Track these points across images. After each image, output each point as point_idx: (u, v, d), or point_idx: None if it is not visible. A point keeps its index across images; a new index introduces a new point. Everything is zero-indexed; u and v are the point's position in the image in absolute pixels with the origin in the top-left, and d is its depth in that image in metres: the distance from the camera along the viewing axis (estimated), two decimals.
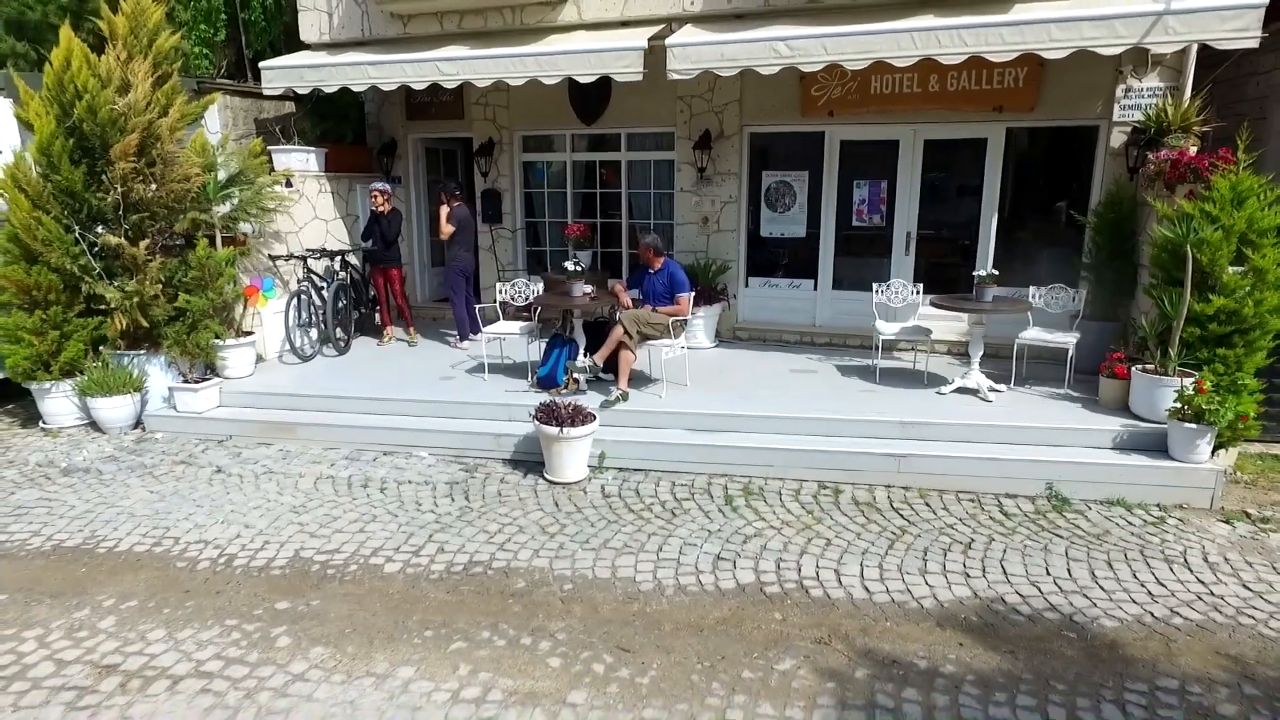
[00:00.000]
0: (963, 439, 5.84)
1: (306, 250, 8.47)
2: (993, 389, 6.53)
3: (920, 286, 7.41)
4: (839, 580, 4.37)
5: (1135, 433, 5.69)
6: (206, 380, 7.08)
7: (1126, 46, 6.00)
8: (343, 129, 9.77)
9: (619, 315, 6.72)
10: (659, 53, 7.11)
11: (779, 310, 8.95)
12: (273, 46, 11.09)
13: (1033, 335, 6.82)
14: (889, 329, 7.16)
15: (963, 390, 6.61)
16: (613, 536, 4.91)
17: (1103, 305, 7.19)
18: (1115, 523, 5.04)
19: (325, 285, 8.39)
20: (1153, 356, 5.89)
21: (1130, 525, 5.01)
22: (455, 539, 4.90)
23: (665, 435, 6.11)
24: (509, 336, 7.43)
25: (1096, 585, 4.29)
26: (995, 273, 6.72)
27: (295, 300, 8.12)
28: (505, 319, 7.80)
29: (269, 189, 7.81)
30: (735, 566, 4.52)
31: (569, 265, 7.05)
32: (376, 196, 8.47)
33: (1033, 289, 7.05)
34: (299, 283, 8.29)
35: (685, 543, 4.81)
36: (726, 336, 8.94)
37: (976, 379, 6.56)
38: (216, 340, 7.21)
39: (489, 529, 5.03)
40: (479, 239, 9.42)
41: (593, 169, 9.67)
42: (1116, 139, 7.27)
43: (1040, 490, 5.43)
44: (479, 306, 8.26)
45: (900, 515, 5.18)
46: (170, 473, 6.03)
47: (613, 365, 6.63)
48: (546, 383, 6.87)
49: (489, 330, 7.40)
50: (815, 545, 4.76)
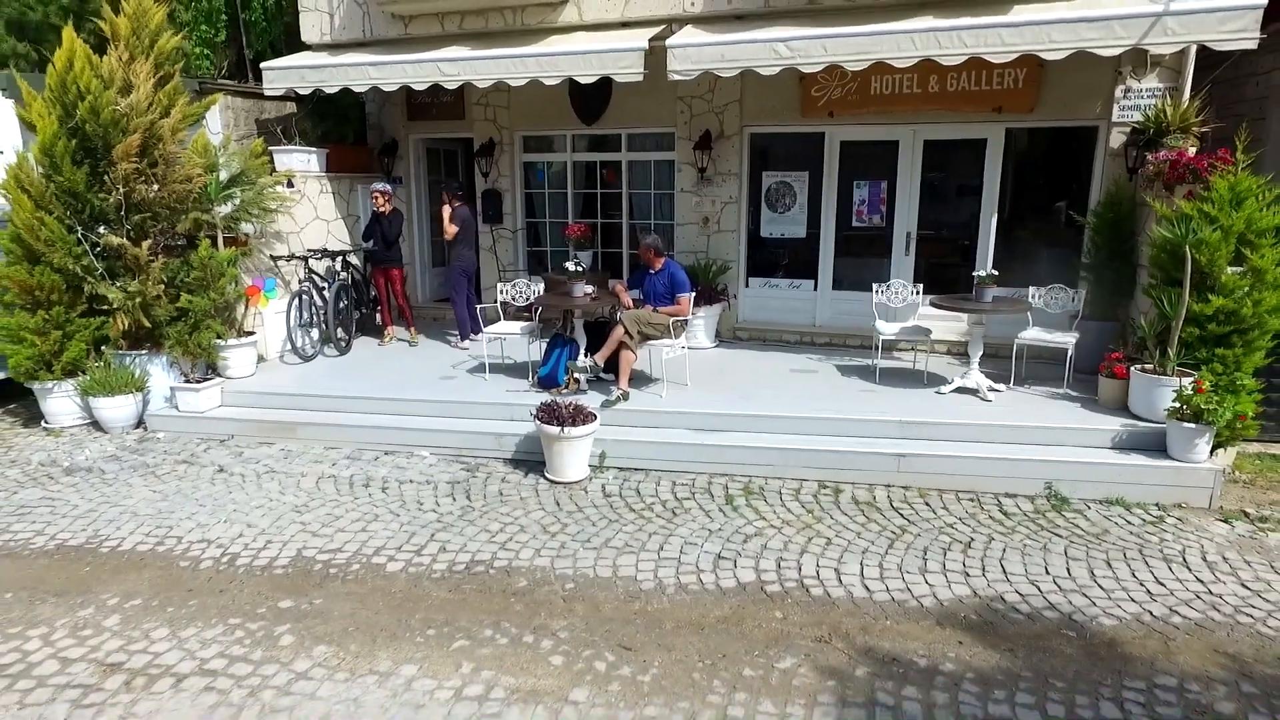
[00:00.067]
0: (962, 439, 5.86)
1: (308, 250, 8.49)
2: (992, 389, 6.55)
3: (920, 287, 7.44)
4: (839, 579, 4.39)
5: (1134, 432, 5.71)
6: (208, 380, 7.10)
7: (1125, 48, 6.01)
8: (344, 129, 9.79)
9: (620, 315, 6.74)
10: (659, 53, 7.13)
11: (779, 310, 8.97)
12: (273, 47, 11.11)
13: (1032, 335, 6.84)
14: (889, 329, 7.19)
15: (962, 390, 6.63)
16: (614, 536, 4.93)
17: (1102, 305, 7.21)
18: (1114, 522, 5.06)
19: (326, 285, 8.41)
20: (1152, 356, 5.91)
21: (1129, 524, 5.03)
22: (457, 538, 4.92)
23: (666, 435, 6.13)
24: (510, 336, 7.45)
25: (1095, 584, 4.31)
26: (995, 273, 6.74)
27: (297, 300, 8.15)
28: (506, 319, 7.82)
29: (270, 189, 7.83)
30: (736, 565, 4.54)
31: (570, 265, 7.07)
32: (377, 197, 8.49)
33: (1032, 289, 7.08)
34: (300, 283, 8.31)
35: (686, 542, 4.83)
36: (727, 336, 8.96)
37: (976, 379, 6.58)
38: (218, 340, 7.23)
39: (491, 528, 5.05)
40: (479, 239, 9.44)
41: (593, 169, 9.69)
42: (1116, 139, 7.29)
43: (1040, 490, 5.45)
44: (480, 307, 8.28)
45: (900, 514, 5.20)
46: (172, 472, 6.05)
47: (613, 365, 6.65)
48: (547, 382, 6.89)
49: (490, 330, 7.42)
50: (815, 544, 4.78)
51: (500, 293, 7.56)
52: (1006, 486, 5.50)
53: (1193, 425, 5.32)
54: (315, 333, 8.36)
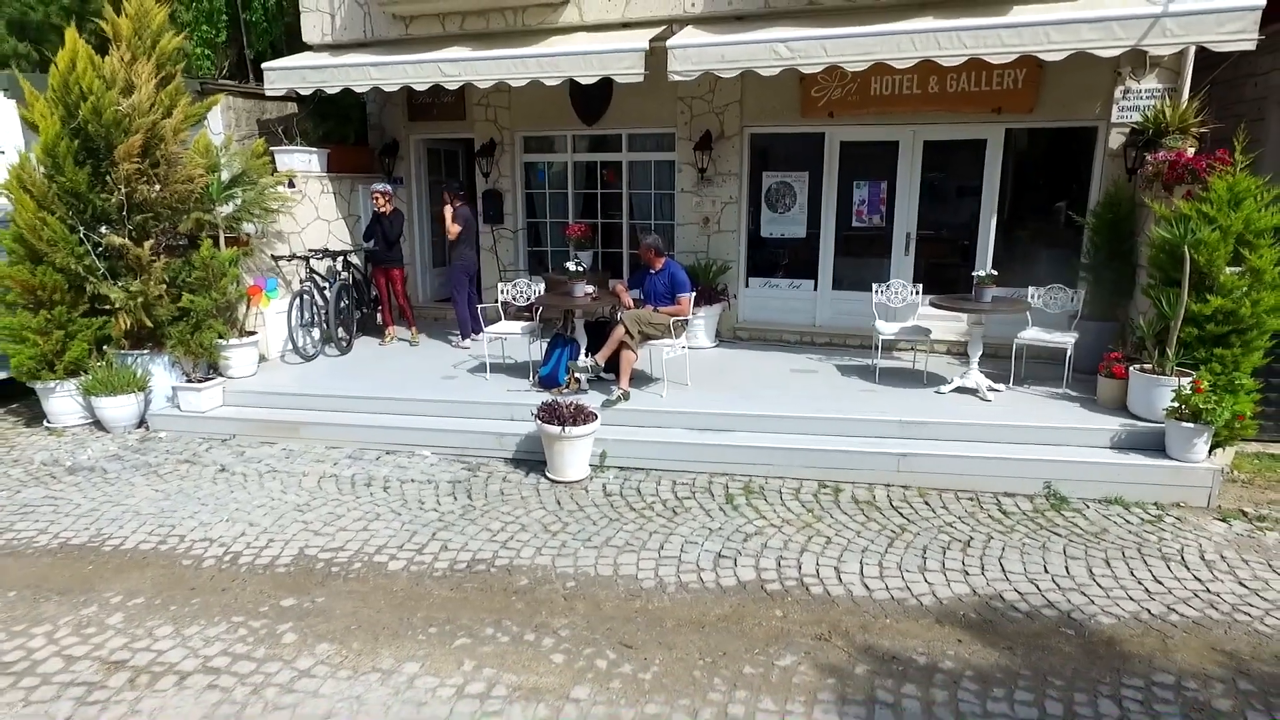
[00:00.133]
0: (962, 438, 5.88)
1: (309, 250, 8.51)
2: (992, 388, 6.57)
3: (920, 287, 7.46)
4: (839, 578, 4.41)
5: (1133, 432, 5.73)
6: (210, 380, 7.12)
7: (1124, 48, 6.03)
8: (345, 130, 9.81)
9: (620, 315, 6.76)
10: (660, 54, 7.14)
11: (779, 310, 8.99)
12: (274, 47, 11.13)
13: (1031, 335, 6.86)
14: (889, 329, 7.21)
15: (962, 390, 6.65)
16: (614, 534, 4.95)
17: (1101, 305, 7.23)
18: (1113, 521, 5.08)
19: (328, 285, 8.43)
20: (1150, 356, 5.93)
21: (1128, 523, 5.05)
22: (458, 537, 4.93)
23: (666, 434, 6.15)
24: (511, 336, 7.47)
25: (1094, 583, 4.33)
26: (994, 273, 6.76)
27: (298, 300, 8.17)
28: (507, 319, 7.83)
29: (272, 190, 7.86)
30: (736, 564, 4.56)
31: (570, 265, 7.08)
32: (378, 197, 8.51)
33: (1031, 289, 7.10)
34: (301, 283, 8.33)
35: (686, 541, 4.85)
36: (727, 336, 8.98)
37: (975, 379, 6.60)
38: (220, 340, 7.25)
39: (492, 527, 5.07)
40: (480, 239, 9.46)
41: (594, 170, 9.71)
42: (1115, 140, 7.31)
43: (1039, 489, 5.47)
44: (480, 306, 8.30)
45: (900, 514, 5.22)
46: (175, 471, 6.07)
47: (614, 365, 6.67)
48: (548, 382, 6.91)
49: (491, 330, 7.44)
50: (815, 543, 4.80)
51: (501, 293, 7.58)
52: (1006, 486, 5.52)
53: (1191, 425, 5.34)
54: (316, 332, 8.38)
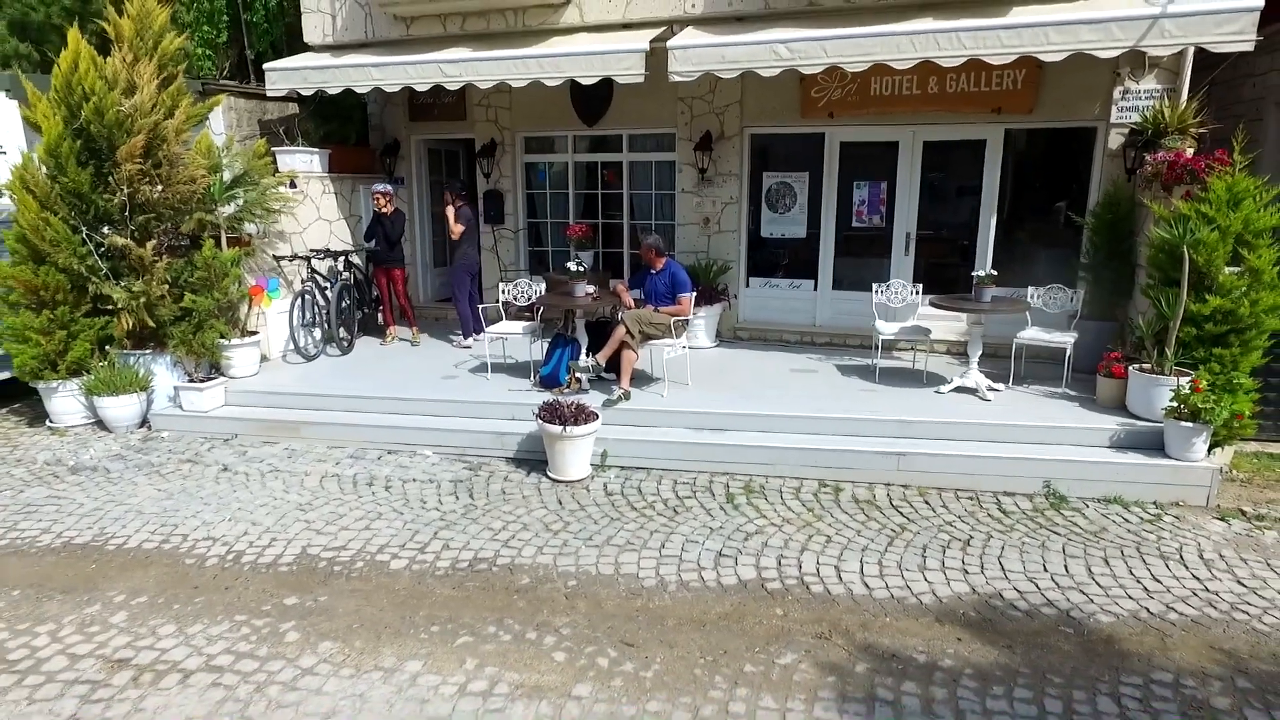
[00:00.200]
0: (962, 438, 5.90)
1: (310, 251, 8.53)
2: (991, 388, 6.59)
3: (920, 287, 7.48)
4: (839, 576, 4.43)
5: (1132, 431, 5.75)
6: (212, 379, 7.14)
7: (1123, 49, 6.05)
8: (346, 130, 9.83)
9: (621, 315, 6.78)
10: (660, 55, 7.16)
11: (779, 310, 9.01)
12: (274, 48, 11.14)
13: (1031, 335, 6.88)
14: (889, 329, 7.23)
15: (961, 389, 6.67)
16: (616, 534, 4.97)
17: (1100, 305, 7.25)
18: (1112, 520, 5.10)
19: (329, 285, 8.45)
20: (1149, 356, 5.95)
21: (1127, 522, 5.07)
22: (460, 536, 4.95)
23: (667, 434, 6.17)
24: (512, 336, 7.49)
25: (1093, 581, 4.35)
26: (994, 273, 6.77)
27: (299, 300, 8.19)
28: (508, 319, 7.85)
29: (273, 190, 7.87)
30: (737, 563, 4.58)
31: (571, 266, 7.10)
32: (378, 198, 8.53)
33: (1031, 289, 7.12)
34: (303, 283, 8.35)
35: (687, 540, 4.87)
36: (727, 336, 9.00)
37: (975, 378, 6.62)
38: (222, 340, 7.27)
39: (493, 526, 5.09)
40: (481, 239, 9.48)
41: (594, 170, 9.73)
42: (1114, 140, 7.33)
43: (1038, 488, 5.49)
44: (481, 306, 8.32)
45: (900, 513, 5.24)
46: (177, 471, 6.09)
47: (615, 365, 6.69)
48: (549, 382, 6.93)
49: (492, 330, 7.46)
50: (816, 542, 4.82)
51: (502, 293, 7.60)
52: (1005, 485, 5.54)
53: (1190, 424, 5.36)
54: (318, 332, 8.40)
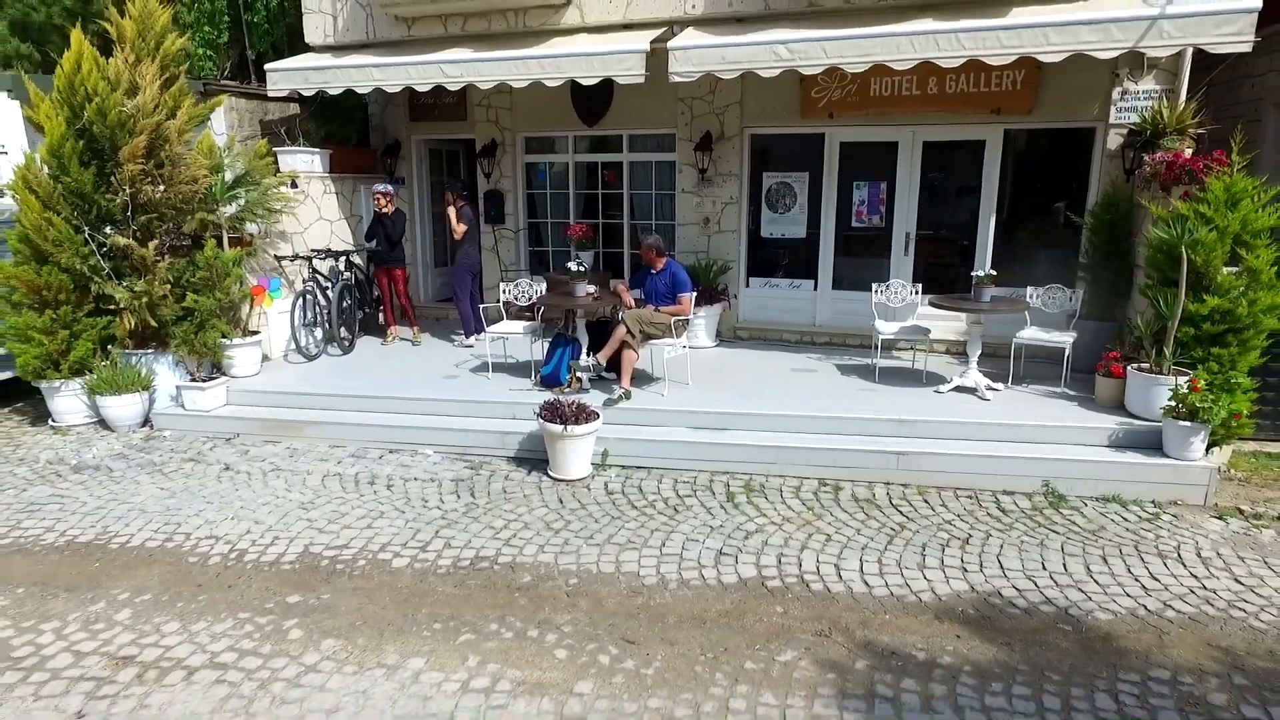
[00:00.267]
0: (961, 437, 5.92)
1: (312, 250, 8.56)
2: (990, 388, 6.61)
3: (919, 286, 7.51)
4: (839, 575, 4.45)
5: (1130, 431, 5.77)
6: (213, 379, 7.16)
7: (1122, 50, 6.07)
8: (347, 130, 9.85)
9: (622, 315, 6.81)
10: (661, 55, 7.18)
11: (779, 310, 9.03)
12: (275, 48, 11.15)
13: (1030, 335, 6.90)
14: (888, 328, 7.25)
15: (961, 389, 6.69)
16: (616, 532, 4.99)
17: (1099, 305, 7.27)
18: (1110, 519, 5.13)
19: (330, 285, 8.48)
20: (1148, 356, 5.97)
21: (1125, 521, 5.10)
22: (461, 535, 4.98)
23: (667, 433, 6.20)
24: (512, 336, 7.51)
25: (1091, 579, 4.38)
26: (993, 273, 6.79)
27: (301, 300, 8.21)
28: (509, 318, 7.88)
29: (275, 190, 7.89)
30: (737, 561, 4.60)
31: (572, 266, 7.12)
32: (379, 198, 8.55)
33: (1030, 289, 7.15)
34: (304, 283, 8.37)
35: (688, 538, 4.89)
36: (727, 336, 9.02)
37: (974, 378, 6.64)
38: (223, 339, 7.29)
39: (494, 525, 5.11)
40: (481, 239, 9.51)
41: (595, 170, 9.75)
42: (1113, 141, 7.35)
43: (1037, 487, 5.52)
44: (482, 306, 8.34)
45: (899, 511, 5.27)
46: (179, 470, 6.11)
47: (615, 364, 6.72)
48: (550, 381, 6.96)
49: (493, 330, 7.48)
50: (815, 541, 4.85)
51: (503, 292, 7.62)
52: (1004, 484, 5.57)
53: (1188, 423, 5.38)
54: (319, 332, 8.43)
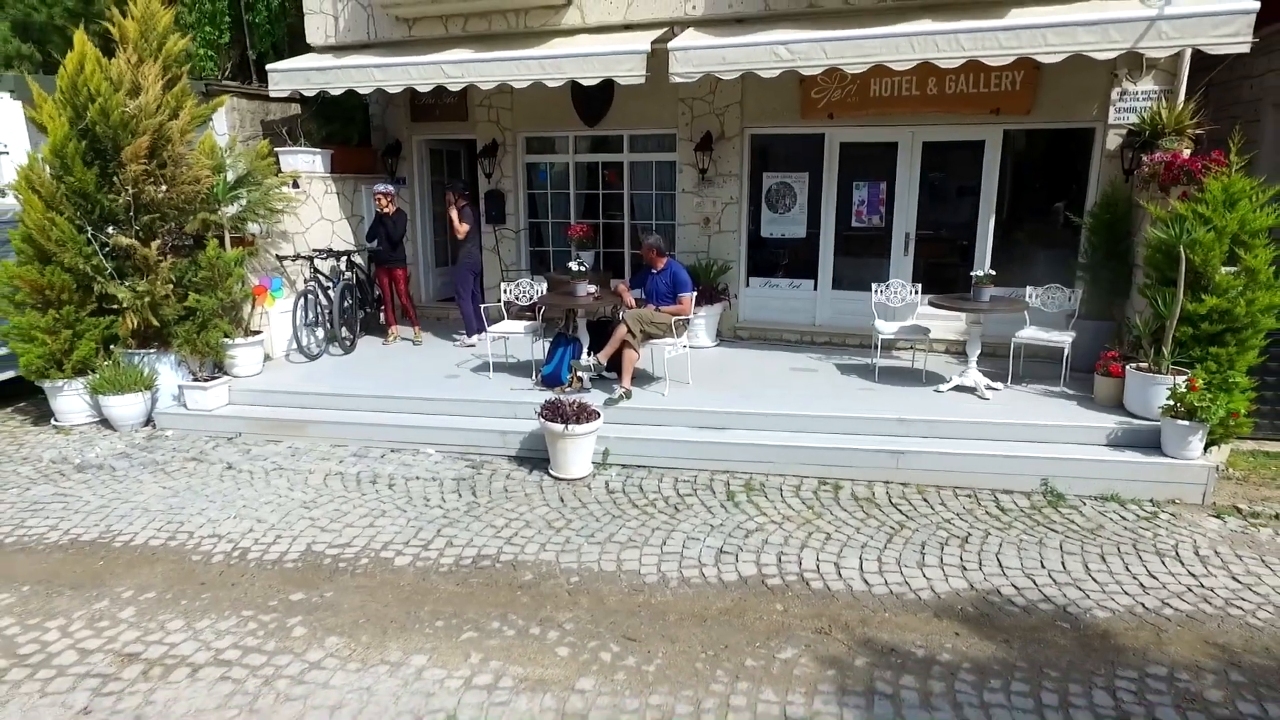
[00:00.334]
0: (960, 436, 5.95)
1: (313, 250, 8.58)
2: (990, 387, 6.64)
3: (919, 286, 7.54)
4: (839, 573, 4.48)
5: (1129, 430, 5.80)
6: (215, 378, 7.19)
7: (1120, 51, 6.09)
8: (348, 131, 9.87)
9: (622, 314, 6.83)
10: (661, 56, 7.20)
11: (779, 310, 9.06)
12: (276, 49, 11.18)
13: (1029, 334, 6.93)
14: (888, 328, 7.27)
15: (960, 388, 6.72)
16: (617, 531, 5.01)
17: (1098, 305, 7.30)
18: (1109, 517, 5.15)
19: (331, 285, 8.50)
20: (1146, 355, 6.00)
21: (1123, 520, 5.12)
22: (463, 533, 5.00)
23: (668, 432, 6.22)
24: (513, 335, 7.53)
25: (1090, 578, 4.40)
26: (993, 273, 6.82)
27: (302, 300, 8.23)
28: (510, 318, 7.90)
29: (276, 190, 7.91)
30: (737, 560, 4.63)
31: (572, 265, 7.15)
32: (380, 198, 8.58)
33: (1029, 289, 7.18)
34: (306, 282, 8.40)
35: (688, 537, 4.92)
36: (728, 336, 9.05)
37: (974, 377, 6.67)
38: (225, 339, 7.31)
39: (496, 524, 5.14)
40: (482, 239, 9.53)
41: (595, 170, 9.78)
42: (1112, 141, 7.37)
43: (1036, 486, 5.54)
44: (483, 306, 8.36)
45: (899, 510, 5.29)
46: (182, 469, 6.14)
47: (616, 364, 6.74)
48: (551, 381, 6.98)
49: (494, 329, 7.51)
50: (815, 539, 4.87)
51: (504, 292, 7.64)
52: (1003, 483, 5.59)
53: (1186, 423, 5.41)
54: (320, 332, 8.45)
